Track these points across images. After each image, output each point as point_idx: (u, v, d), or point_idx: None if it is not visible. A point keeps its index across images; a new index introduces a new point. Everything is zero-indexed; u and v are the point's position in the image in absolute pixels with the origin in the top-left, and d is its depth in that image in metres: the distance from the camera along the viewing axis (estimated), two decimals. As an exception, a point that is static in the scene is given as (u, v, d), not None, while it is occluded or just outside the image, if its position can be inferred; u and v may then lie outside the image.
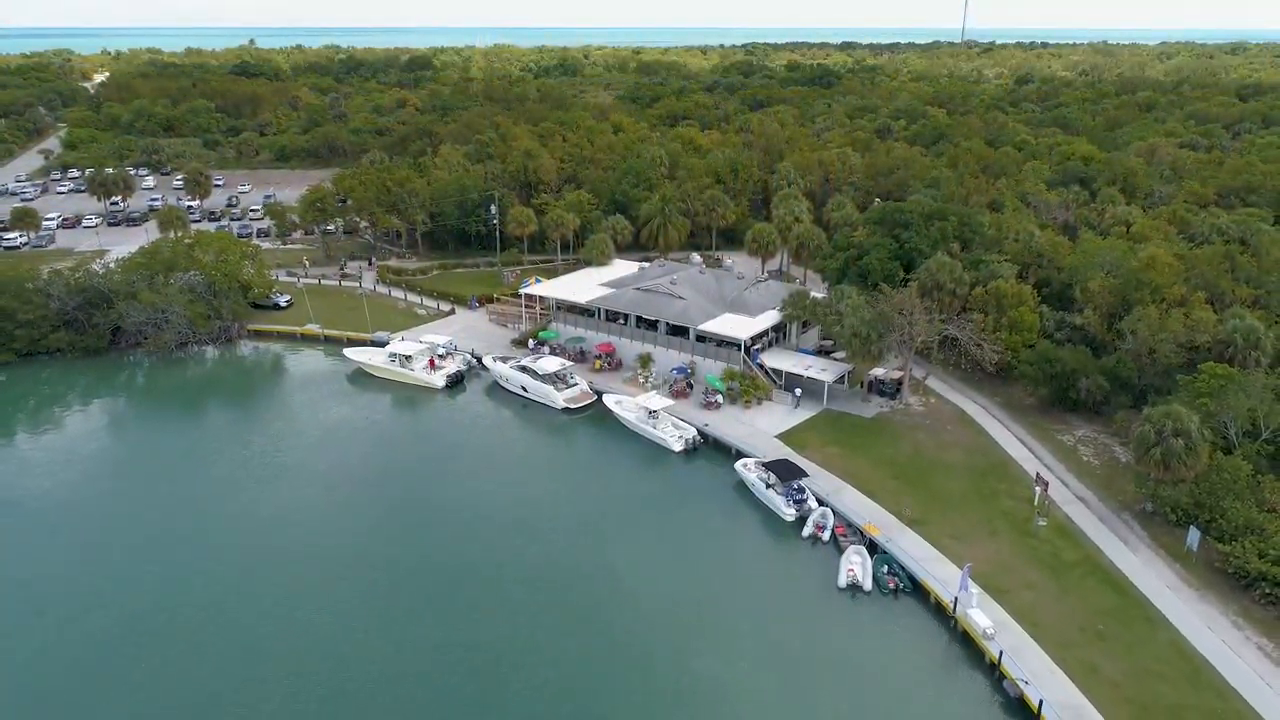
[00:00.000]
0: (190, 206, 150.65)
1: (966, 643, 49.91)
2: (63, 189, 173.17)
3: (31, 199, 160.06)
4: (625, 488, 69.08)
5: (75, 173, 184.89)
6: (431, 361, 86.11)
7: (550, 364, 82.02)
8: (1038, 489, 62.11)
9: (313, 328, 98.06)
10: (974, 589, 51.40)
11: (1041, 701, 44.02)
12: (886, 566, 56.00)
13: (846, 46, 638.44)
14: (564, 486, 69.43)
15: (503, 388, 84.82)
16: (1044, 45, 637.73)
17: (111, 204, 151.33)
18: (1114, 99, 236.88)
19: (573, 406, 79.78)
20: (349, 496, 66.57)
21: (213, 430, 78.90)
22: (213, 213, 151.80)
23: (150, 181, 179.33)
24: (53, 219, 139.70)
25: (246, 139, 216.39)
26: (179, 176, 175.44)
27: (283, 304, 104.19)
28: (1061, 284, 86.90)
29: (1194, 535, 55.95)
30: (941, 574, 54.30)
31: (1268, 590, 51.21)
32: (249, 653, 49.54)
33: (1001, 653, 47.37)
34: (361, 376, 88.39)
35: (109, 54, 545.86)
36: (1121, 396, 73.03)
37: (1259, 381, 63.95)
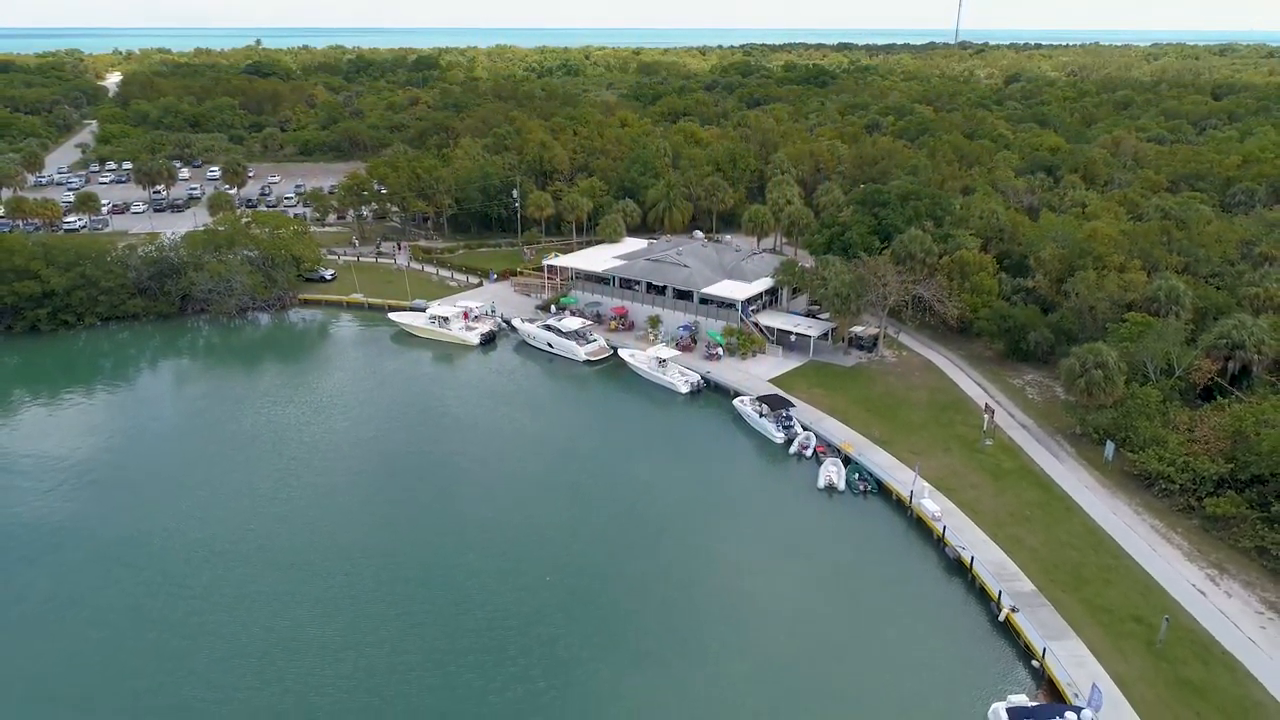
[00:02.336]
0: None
1: (919, 525, 62.07)
2: (104, 180, 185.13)
3: (78, 188, 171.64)
4: (641, 421, 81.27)
5: (112, 165, 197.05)
6: (465, 314, 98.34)
7: (573, 323, 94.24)
8: (986, 415, 74.35)
9: (358, 297, 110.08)
10: (924, 484, 63.69)
11: (973, 558, 56.21)
12: (858, 474, 68.16)
13: (843, 47, 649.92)
14: (589, 421, 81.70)
15: (530, 345, 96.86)
16: (1037, 47, 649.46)
17: (154, 192, 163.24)
18: (1094, 97, 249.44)
19: (593, 359, 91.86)
20: (410, 429, 78.60)
21: (282, 380, 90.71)
22: (249, 200, 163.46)
23: (185, 173, 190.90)
24: (104, 205, 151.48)
25: (270, 134, 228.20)
26: (213, 168, 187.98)
27: (328, 277, 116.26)
28: (1020, 255, 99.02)
29: (1110, 447, 68.17)
30: (903, 478, 66.33)
31: (1164, 486, 63.38)
32: (344, 526, 61.71)
33: (945, 527, 59.57)
34: (404, 336, 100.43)
35: (120, 54, 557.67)
36: (1065, 347, 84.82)
37: (1173, 329, 76.10)
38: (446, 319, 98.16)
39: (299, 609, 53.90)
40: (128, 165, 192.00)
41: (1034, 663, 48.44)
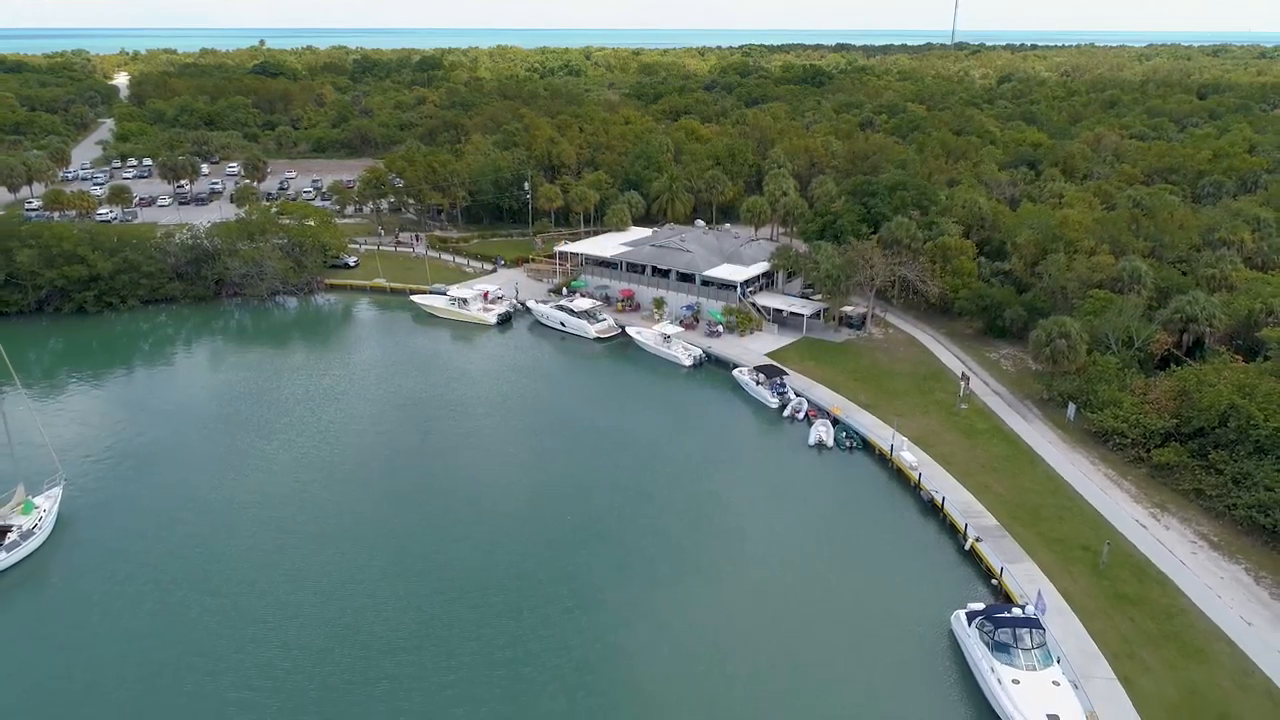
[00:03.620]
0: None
1: (899, 475, 69.52)
2: (127, 175, 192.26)
3: (103, 183, 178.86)
4: (648, 391, 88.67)
5: (133, 161, 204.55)
6: (486, 294, 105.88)
7: (583, 303, 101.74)
8: (961, 383, 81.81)
9: (380, 281, 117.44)
10: (903, 439, 71.26)
11: (944, 500, 63.68)
12: (845, 433, 75.67)
13: (841, 48, 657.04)
14: (601, 391, 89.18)
15: (543, 325, 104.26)
16: (1033, 47, 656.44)
17: (178, 187, 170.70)
18: (1083, 96, 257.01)
19: (602, 336, 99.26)
20: (437, 397, 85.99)
21: (315, 356, 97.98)
22: (269, 194, 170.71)
23: (205, 169, 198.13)
24: (134, 199, 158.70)
25: (283, 132, 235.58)
26: (230, 164, 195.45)
27: (352, 263, 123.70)
28: (999, 241, 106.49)
29: (1072, 409, 75.67)
30: (885, 436, 73.74)
31: (1118, 440, 70.80)
32: (383, 478, 69.14)
33: (921, 475, 67.06)
34: (426, 317, 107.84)
35: (127, 54, 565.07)
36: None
37: (1132, 304, 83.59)
38: (466, 300, 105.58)
39: (348, 545, 61.19)
40: (148, 161, 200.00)
41: (993, 581, 55.81)
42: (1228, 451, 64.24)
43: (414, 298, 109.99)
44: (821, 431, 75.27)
